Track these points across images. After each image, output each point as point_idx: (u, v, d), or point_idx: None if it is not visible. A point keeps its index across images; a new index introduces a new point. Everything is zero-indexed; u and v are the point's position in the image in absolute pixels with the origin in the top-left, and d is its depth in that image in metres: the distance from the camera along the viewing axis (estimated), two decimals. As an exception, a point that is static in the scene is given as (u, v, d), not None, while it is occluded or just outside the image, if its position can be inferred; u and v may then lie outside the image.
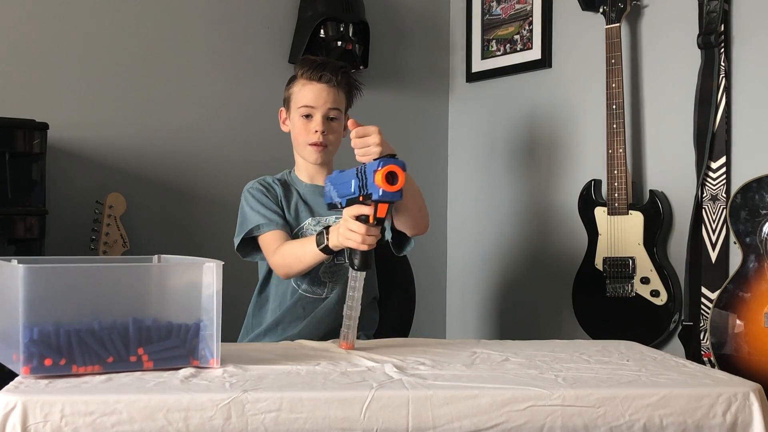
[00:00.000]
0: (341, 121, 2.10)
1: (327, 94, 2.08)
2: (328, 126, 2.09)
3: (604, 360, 1.64)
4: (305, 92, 2.09)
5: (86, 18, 2.77)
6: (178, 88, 2.93)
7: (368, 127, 1.78)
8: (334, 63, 2.14)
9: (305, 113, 2.09)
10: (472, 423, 1.32)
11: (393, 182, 1.58)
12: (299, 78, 2.11)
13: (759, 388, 1.42)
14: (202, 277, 1.48)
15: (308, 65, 2.10)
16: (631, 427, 1.35)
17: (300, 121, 2.10)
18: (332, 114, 2.09)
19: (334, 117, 2.09)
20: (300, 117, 2.09)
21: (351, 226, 1.72)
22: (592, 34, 2.86)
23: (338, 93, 2.09)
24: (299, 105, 2.09)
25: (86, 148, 2.76)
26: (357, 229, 1.71)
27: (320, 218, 2.12)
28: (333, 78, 2.08)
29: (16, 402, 1.22)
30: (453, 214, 3.48)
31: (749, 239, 2.28)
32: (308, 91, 2.08)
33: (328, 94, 2.08)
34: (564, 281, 2.91)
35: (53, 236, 2.46)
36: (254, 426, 1.27)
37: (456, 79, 3.47)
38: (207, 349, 1.47)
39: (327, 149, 2.10)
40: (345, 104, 2.13)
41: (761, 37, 2.43)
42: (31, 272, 1.36)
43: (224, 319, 1.47)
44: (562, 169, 3.01)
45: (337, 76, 2.08)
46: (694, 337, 2.46)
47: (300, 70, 2.11)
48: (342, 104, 2.11)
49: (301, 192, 2.15)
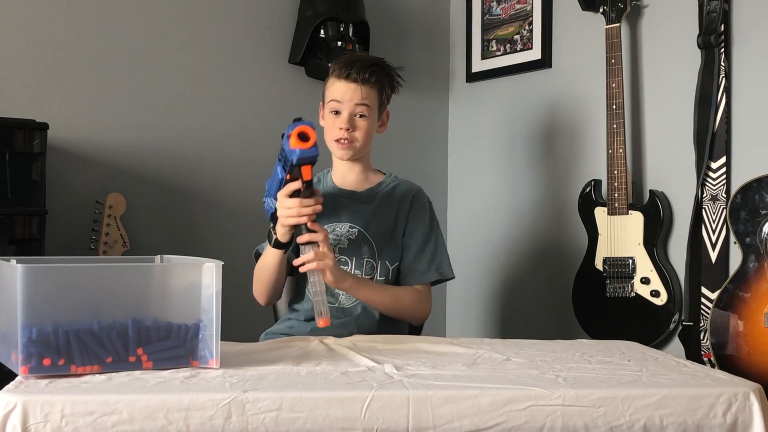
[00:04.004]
0: (370, 117, 2.10)
1: (354, 92, 2.08)
2: (355, 123, 2.09)
3: (606, 360, 1.64)
4: (334, 89, 2.10)
5: (86, 18, 2.77)
6: (178, 88, 2.93)
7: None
8: (365, 60, 2.14)
9: (334, 109, 2.10)
10: (472, 423, 1.32)
11: (306, 140, 1.77)
12: (331, 74, 2.13)
13: (759, 388, 1.42)
14: (201, 277, 1.48)
15: (340, 62, 2.12)
16: (631, 427, 1.35)
17: (329, 116, 2.11)
18: (359, 110, 2.08)
19: (363, 114, 2.09)
20: (329, 113, 2.11)
21: (285, 204, 1.87)
22: (592, 34, 2.86)
23: (368, 90, 2.09)
24: (328, 100, 2.11)
25: (86, 148, 2.76)
26: (291, 204, 1.86)
27: (336, 225, 2.12)
28: (360, 76, 2.08)
29: (17, 402, 1.22)
30: (453, 214, 3.48)
31: (749, 239, 2.28)
32: (336, 88, 2.10)
33: (354, 92, 2.08)
34: (564, 281, 2.91)
35: (53, 236, 2.46)
36: (254, 426, 1.27)
37: (456, 79, 3.47)
38: (207, 349, 1.46)
39: (352, 145, 2.10)
40: (377, 100, 2.12)
41: (761, 37, 2.43)
42: (30, 272, 1.36)
43: (224, 319, 1.47)
44: (562, 169, 3.01)
45: (365, 74, 2.08)
46: (694, 337, 2.46)
47: (333, 66, 2.13)
48: (372, 100, 2.10)
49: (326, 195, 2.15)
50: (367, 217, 2.12)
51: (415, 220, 2.15)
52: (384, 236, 2.12)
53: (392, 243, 2.13)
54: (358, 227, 2.11)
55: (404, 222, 2.15)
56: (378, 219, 2.13)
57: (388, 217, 2.14)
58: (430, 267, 2.14)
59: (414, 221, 2.15)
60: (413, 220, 2.15)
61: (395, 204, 2.15)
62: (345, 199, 2.15)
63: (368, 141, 2.13)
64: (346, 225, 2.12)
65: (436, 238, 2.17)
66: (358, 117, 2.09)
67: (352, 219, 2.12)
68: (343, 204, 2.14)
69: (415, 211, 2.16)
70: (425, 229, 2.15)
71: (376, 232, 2.12)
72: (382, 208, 2.14)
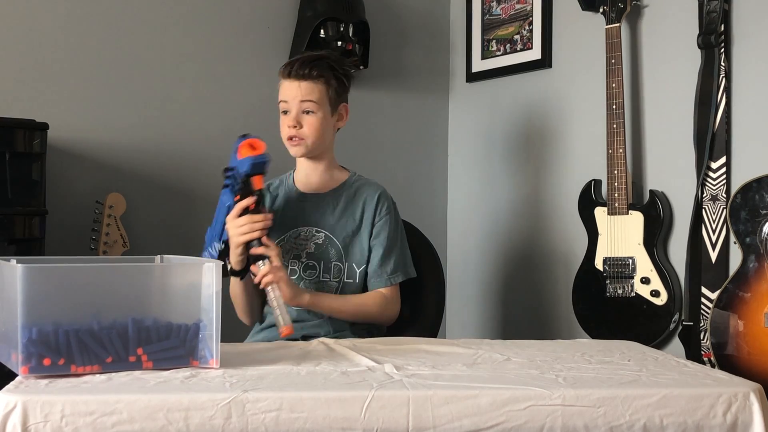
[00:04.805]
0: (319, 113, 2.07)
1: (297, 89, 2.06)
2: (302, 120, 2.07)
3: (606, 360, 1.64)
4: (282, 89, 2.10)
5: (86, 18, 2.77)
6: (178, 88, 2.93)
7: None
8: (306, 57, 2.12)
9: (283, 109, 2.10)
10: (472, 422, 1.32)
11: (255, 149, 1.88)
12: (279, 76, 2.12)
13: (759, 388, 1.42)
14: (201, 277, 1.48)
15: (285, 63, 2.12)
16: (631, 427, 1.35)
17: (281, 117, 2.11)
18: (305, 107, 2.07)
19: (309, 110, 2.07)
20: (281, 114, 2.11)
21: (236, 223, 1.90)
22: (592, 34, 2.86)
23: (311, 85, 2.06)
24: (278, 101, 2.11)
25: (86, 148, 2.76)
26: (243, 221, 1.89)
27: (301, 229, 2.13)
28: (301, 72, 2.06)
29: (17, 402, 1.22)
30: (453, 214, 3.48)
31: (749, 239, 2.28)
32: (283, 87, 2.10)
33: (297, 89, 2.07)
34: (564, 281, 2.91)
35: (53, 236, 2.46)
36: (254, 425, 1.27)
37: (456, 79, 3.47)
38: (207, 349, 1.46)
39: (303, 142, 2.09)
40: (324, 95, 2.08)
41: (761, 37, 2.43)
42: (30, 272, 1.36)
43: (224, 320, 1.47)
44: (562, 169, 3.01)
45: (305, 70, 2.06)
46: (694, 337, 2.46)
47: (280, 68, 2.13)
48: (318, 95, 2.07)
49: (293, 198, 2.17)
50: (332, 220, 2.12)
51: (381, 223, 2.13)
52: (350, 238, 2.11)
53: (359, 245, 2.12)
54: (325, 231, 2.11)
55: (370, 224, 2.13)
56: (343, 221, 2.12)
57: (353, 220, 2.13)
58: (397, 269, 2.13)
59: (380, 223, 2.13)
60: (379, 222, 2.13)
61: (360, 205, 2.14)
62: (309, 202, 2.15)
63: (320, 137, 2.10)
64: (312, 229, 2.12)
65: (401, 239, 2.17)
66: (305, 114, 2.07)
67: (318, 223, 2.12)
68: (308, 208, 2.14)
69: (381, 213, 2.14)
70: (390, 231, 2.14)
71: (342, 234, 2.11)
72: (347, 211, 2.13)
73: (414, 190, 3.40)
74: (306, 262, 2.09)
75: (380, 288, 2.12)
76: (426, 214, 3.37)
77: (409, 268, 2.17)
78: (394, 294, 2.15)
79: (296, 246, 2.11)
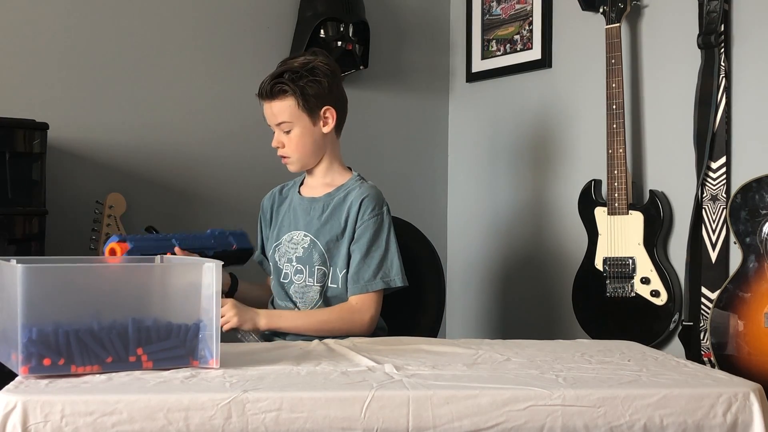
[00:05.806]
0: (297, 128, 2.07)
1: (270, 109, 2.09)
2: (284, 139, 2.10)
3: (606, 360, 1.64)
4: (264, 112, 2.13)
5: (86, 18, 2.77)
6: (178, 88, 2.93)
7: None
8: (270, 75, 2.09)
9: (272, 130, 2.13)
10: (472, 423, 1.32)
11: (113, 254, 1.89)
12: None
13: (759, 388, 1.42)
14: (201, 277, 1.48)
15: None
16: (631, 427, 1.35)
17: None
18: (282, 127, 2.08)
19: (287, 129, 2.08)
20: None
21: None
22: (592, 34, 2.86)
23: (279, 104, 2.06)
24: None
25: (86, 148, 2.76)
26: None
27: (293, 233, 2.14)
28: (266, 93, 2.07)
29: (17, 402, 1.22)
30: (453, 214, 3.48)
31: (749, 239, 2.28)
32: (264, 111, 2.12)
33: (269, 110, 2.09)
34: (564, 281, 2.91)
35: (53, 236, 2.46)
36: (255, 425, 1.27)
37: (456, 79, 3.47)
38: (207, 349, 1.46)
39: (290, 160, 2.11)
40: (295, 109, 2.06)
41: (761, 37, 2.43)
42: (30, 272, 1.36)
43: (224, 319, 1.47)
44: (562, 169, 3.01)
45: (268, 90, 2.06)
46: (694, 337, 2.46)
47: None
48: (290, 112, 2.06)
49: (293, 203, 2.19)
50: (318, 224, 2.11)
51: (362, 227, 2.07)
52: (333, 243, 2.09)
53: (342, 250, 2.09)
54: (311, 235, 2.11)
55: (352, 228, 2.08)
56: (328, 226, 2.10)
57: (338, 224, 2.10)
58: (376, 275, 2.05)
59: (360, 228, 2.07)
60: (360, 227, 2.08)
61: (345, 209, 2.10)
62: (302, 206, 2.15)
63: (305, 150, 2.10)
64: (301, 233, 2.13)
65: (386, 245, 2.08)
66: (285, 133, 2.09)
67: (306, 227, 2.12)
68: (300, 212, 2.15)
69: (362, 217, 2.08)
70: (371, 235, 2.07)
71: (326, 239, 2.09)
72: (334, 215, 2.11)
73: (414, 190, 3.40)
74: (296, 266, 2.11)
75: (355, 294, 2.06)
76: (426, 214, 3.37)
77: (393, 276, 2.07)
78: (368, 302, 2.05)
79: (289, 250, 2.13)
